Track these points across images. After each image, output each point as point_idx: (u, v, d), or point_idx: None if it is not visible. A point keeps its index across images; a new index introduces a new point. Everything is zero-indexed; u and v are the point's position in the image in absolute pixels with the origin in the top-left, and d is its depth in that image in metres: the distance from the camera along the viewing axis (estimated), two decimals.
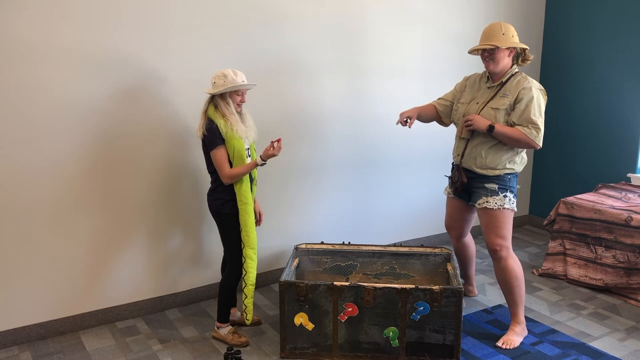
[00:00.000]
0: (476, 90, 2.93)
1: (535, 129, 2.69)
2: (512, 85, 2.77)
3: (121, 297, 3.12)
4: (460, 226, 3.20)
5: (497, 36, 2.75)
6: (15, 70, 2.62)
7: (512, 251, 2.88)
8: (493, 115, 2.76)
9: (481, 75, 2.97)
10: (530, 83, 2.74)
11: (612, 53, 4.13)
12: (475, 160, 2.85)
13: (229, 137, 2.63)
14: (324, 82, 3.57)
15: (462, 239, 3.26)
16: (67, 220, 2.88)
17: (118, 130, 2.93)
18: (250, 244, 2.74)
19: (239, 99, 2.69)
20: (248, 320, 2.82)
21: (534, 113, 2.69)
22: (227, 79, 2.61)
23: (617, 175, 4.19)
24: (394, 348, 2.69)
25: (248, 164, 2.67)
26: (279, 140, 2.67)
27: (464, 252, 3.30)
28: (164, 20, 2.95)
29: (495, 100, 2.78)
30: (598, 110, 4.28)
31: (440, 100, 3.10)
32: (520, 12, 4.40)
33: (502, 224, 2.84)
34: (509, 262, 2.85)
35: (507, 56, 2.78)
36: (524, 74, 2.81)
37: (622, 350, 2.84)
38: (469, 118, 2.78)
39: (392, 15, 3.76)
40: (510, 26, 2.77)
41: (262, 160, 2.67)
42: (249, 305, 2.78)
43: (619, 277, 3.44)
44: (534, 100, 2.70)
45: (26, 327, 2.87)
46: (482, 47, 2.76)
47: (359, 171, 3.86)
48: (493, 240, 2.85)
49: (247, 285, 2.76)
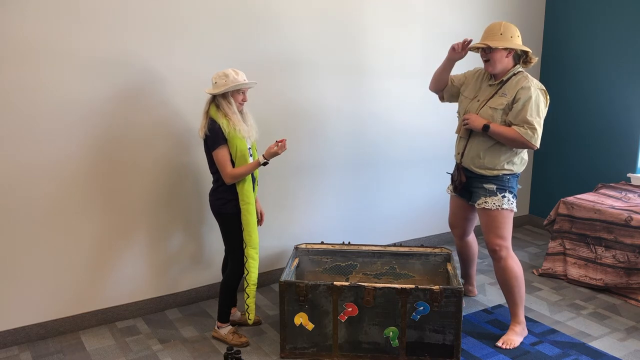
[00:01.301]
0: (478, 88, 2.91)
1: (531, 129, 2.66)
2: (512, 85, 2.74)
3: (121, 297, 3.12)
4: (462, 225, 3.20)
5: (494, 36, 2.71)
6: (15, 71, 2.62)
7: (512, 251, 2.88)
8: (491, 115, 2.75)
9: (486, 73, 2.91)
10: (530, 82, 2.70)
11: (612, 53, 4.13)
12: (473, 160, 2.85)
13: (231, 136, 2.63)
14: (324, 82, 3.57)
15: (465, 237, 3.26)
16: (67, 220, 2.88)
17: (118, 130, 2.93)
18: (252, 243, 2.74)
19: (240, 98, 2.69)
20: (250, 320, 2.82)
21: (531, 113, 2.66)
22: (229, 79, 2.61)
23: (617, 175, 4.19)
24: (394, 348, 2.69)
25: (251, 164, 2.67)
26: (284, 141, 2.67)
27: (466, 252, 3.29)
28: (165, 20, 2.95)
29: (494, 100, 2.77)
30: (598, 110, 4.28)
31: (451, 77, 3.04)
32: (520, 12, 4.40)
33: (501, 225, 2.84)
34: (509, 262, 2.85)
35: (505, 57, 2.73)
36: (526, 73, 2.77)
37: (622, 350, 2.84)
38: (465, 117, 2.79)
39: (393, 15, 3.76)
40: (512, 26, 2.72)
41: (264, 159, 2.67)
42: (251, 304, 2.78)
43: (619, 277, 3.44)
44: (532, 100, 2.66)
45: (26, 327, 2.87)
46: (476, 45, 2.74)
47: (359, 171, 3.86)
48: (492, 240, 2.85)
49: (249, 285, 2.76)
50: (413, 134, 4.04)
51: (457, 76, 3.05)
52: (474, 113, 2.82)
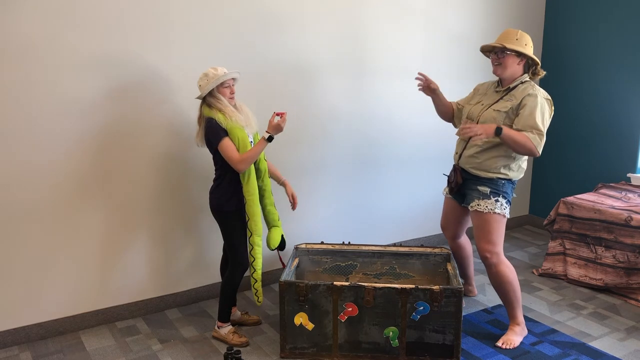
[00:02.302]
0: (483, 94, 2.95)
1: (539, 136, 2.66)
2: (519, 92, 2.75)
3: (121, 297, 3.12)
4: (454, 227, 3.20)
5: (510, 40, 2.74)
6: (15, 69, 2.62)
7: (503, 256, 2.86)
8: (494, 117, 2.75)
9: (493, 83, 2.96)
10: (536, 91, 2.71)
11: (612, 53, 4.13)
12: (470, 160, 2.86)
13: (230, 127, 2.64)
14: (324, 82, 3.57)
15: (457, 239, 3.26)
16: (67, 220, 2.88)
17: (117, 129, 2.93)
18: (258, 231, 2.77)
19: (228, 92, 2.69)
20: (259, 303, 2.86)
21: (538, 119, 2.66)
22: (209, 77, 2.64)
23: (617, 175, 4.19)
24: (394, 348, 2.69)
25: (257, 144, 2.65)
26: (284, 114, 2.65)
27: (460, 253, 3.29)
28: (165, 19, 2.95)
29: (498, 104, 2.79)
30: (598, 110, 4.28)
31: (457, 102, 3.12)
32: (520, 12, 4.40)
33: (492, 229, 2.83)
34: (500, 268, 2.84)
35: (517, 64, 2.75)
36: (533, 82, 2.79)
37: (622, 350, 2.84)
38: (475, 135, 2.62)
39: (394, 16, 3.76)
40: (527, 36, 2.76)
41: (268, 133, 2.64)
42: (258, 288, 2.82)
43: (619, 277, 3.44)
44: (538, 108, 2.67)
45: (26, 327, 2.87)
46: (491, 45, 2.76)
47: (359, 171, 3.86)
48: (483, 246, 2.85)
49: (256, 270, 2.80)
50: (413, 133, 4.04)
51: (463, 99, 3.11)
52: (477, 115, 2.83)
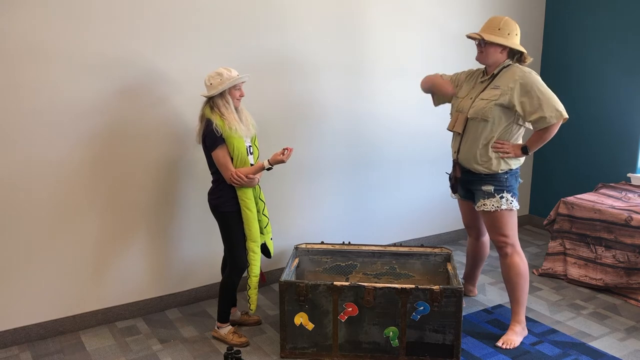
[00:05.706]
0: (471, 87, 2.92)
1: (554, 112, 2.62)
2: (503, 79, 2.72)
3: (121, 297, 3.12)
4: (477, 224, 3.21)
5: (492, 30, 2.71)
6: (15, 70, 2.62)
7: (519, 248, 2.88)
8: (482, 108, 2.73)
9: (480, 73, 2.94)
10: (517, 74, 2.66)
11: (612, 53, 4.13)
12: (467, 154, 2.84)
13: (227, 135, 2.63)
14: (324, 82, 3.57)
15: (482, 237, 3.25)
16: (67, 220, 2.88)
17: (117, 129, 2.93)
18: (253, 237, 2.77)
19: (238, 94, 2.70)
20: (252, 310, 2.87)
21: (541, 99, 2.62)
22: (224, 77, 2.61)
23: (617, 175, 4.19)
24: (394, 348, 2.69)
25: (255, 166, 2.68)
26: (290, 150, 2.68)
27: (478, 252, 3.29)
28: (165, 19, 2.95)
29: (485, 92, 2.77)
30: (598, 110, 4.28)
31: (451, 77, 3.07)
32: (520, 12, 4.40)
33: (503, 224, 2.84)
34: (514, 258, 2.85)
35: (499, 52, 2.73)
36: (516, 64, 2.74)
37: (622, 350, 2.84)
38: (506, 150, 2.76)
39: (392, 15, 3.76)
40: (512, 23, 2.71)
41: (269, 164, 2.68)
42: (252, 295, 2.83)
43: (619, 277, 3.44)
44: (533, 89, 2.63)
45: (26, 327, 2.87)
46: (472, 36, 2.74)
47: (359, 171, 3.86)
48: (496, 237, 2.87)
49: (251, 277, 2.80)
50: (413, 133, 4.04)
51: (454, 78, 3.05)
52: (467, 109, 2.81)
